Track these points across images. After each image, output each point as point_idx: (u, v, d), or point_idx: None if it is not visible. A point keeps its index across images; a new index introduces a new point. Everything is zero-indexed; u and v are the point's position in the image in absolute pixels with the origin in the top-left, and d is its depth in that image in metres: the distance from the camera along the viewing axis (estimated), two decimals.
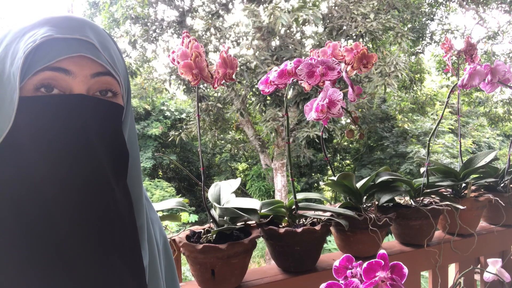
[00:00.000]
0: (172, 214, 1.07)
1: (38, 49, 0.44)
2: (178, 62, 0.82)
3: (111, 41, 0.53)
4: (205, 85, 7.01)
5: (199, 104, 6.86)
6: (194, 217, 7.65)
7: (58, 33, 0.46)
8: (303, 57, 0.93)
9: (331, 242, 5.84)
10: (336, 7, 6.51)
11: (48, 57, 0.44)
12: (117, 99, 0.51)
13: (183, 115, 11.17)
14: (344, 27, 6.31)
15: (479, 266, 1.31)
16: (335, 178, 1.07)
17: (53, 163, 0.43)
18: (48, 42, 0.45)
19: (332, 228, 1.08)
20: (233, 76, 0.88)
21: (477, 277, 1.31)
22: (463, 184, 1.27)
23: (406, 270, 0.64)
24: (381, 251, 0.65)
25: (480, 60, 1.32)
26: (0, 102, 0.44)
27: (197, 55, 0.81)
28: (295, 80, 0.91)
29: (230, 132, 10.11)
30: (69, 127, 0.44)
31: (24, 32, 0.46)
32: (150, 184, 9.58)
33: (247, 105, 7.31)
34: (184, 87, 7.34)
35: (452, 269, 1.31)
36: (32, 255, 0.42)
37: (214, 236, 0.93)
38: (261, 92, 0.94)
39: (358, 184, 1.11)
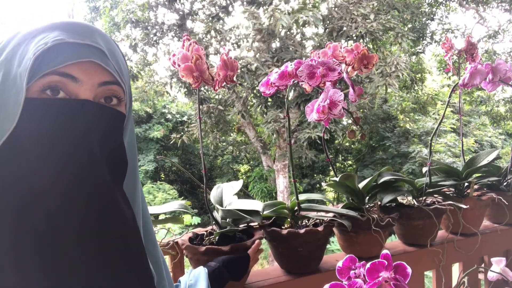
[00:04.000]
0: (174, 217, 1.07)
1: (48, 52, 0.44)
2: (179, 65, 0.82)
3: (117, 48, 0.53)
4: (206, 87, 7.02)
5: (200, 107, 6.87)
6: (196, 219, 7.66)
7: (69, 37, 0.46)
8: (304, 59, 0.93)
9: (334, 243, 5.83)
10: (336, 8, 6.51)
11: (57, 61, 0.44)
12: (120, 107, 0.52)
13: (185, 118, 11.17)
14: (344, 28, 6.31)
15: (483, 265, 1.31)
16: (337, 179, 1.07)
17: (54, 166, 0.43)
18: (58, 46, 0.45)
19: (335, 229, 1.08)
20: (234, 78, 0.88)
21: (481, 276, 1.31)
22: (466, 183, 1.27)
23: (409, 270, 0.64)
24: (384, 251, 0.65)
25: (481, 59, 1.32)
26: (4, 102, 0.44)
27: (197, 58, 0.81)
28: (296, 81, 0.91)
29: (231, 134, 10.12)
30: (72, 131, 0.44)
31: (34, 35, 0.46)
32: (152, 187, 9.58)
33: (248, 107, 7.32)
34: (185, 89, 7.35)
35: (456, 269, 1.31)
36: (34, 258, 0.42)
37: (216, 238, 0.93)
38: (262, 94, 0.94)
39: (361, 185, 1.10)
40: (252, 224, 0.99)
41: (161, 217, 1.03)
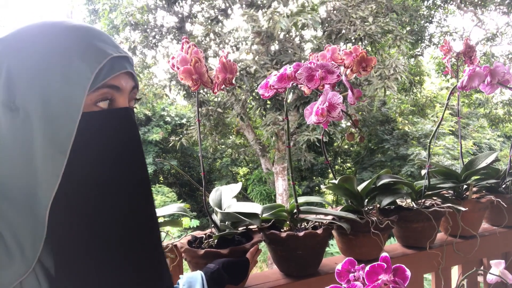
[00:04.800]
0: (173, 220, 1.07)
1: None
2: (178, 68, 0.82)
3: None
4: (205, 90, 7.01)
5: (200, 109, 6.87)
6: (195, 222, 7.64)
7: (113, 51, 0.49)
8: (303, 61, 0.93)
9: (333, 246, 5.83)
10: (335, 11, 6.53)
11: (105, 74, 0.48)
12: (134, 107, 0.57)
13: (184, 120, 11.17)
14: (343, 31, 6.33)
15: (482, 267, 1.31)
16: (336, 182, 1.07)
17: (116, 171, 0.48)
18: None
19: (334, 232, 1.08)
20: (233, 81, 0.88)
21: (480, 279, 1.31)
22: (465, 186, 1.27)
23: (408, 272, 0.64)
24: (384, 254, 0.65)
25: (479, 61, 1.32)
26: (58, 117, 0.45)
27: (196, 61, 0.81)
28: (294, 84, 0.91)
29: (230, 137, 10.11)
30: (128, 139, 0.50)
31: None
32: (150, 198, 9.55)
33: (247, 110, 7.32)
34: (184, 92, 7.35)
35: (455, 271, 1.31)
36: (102, 251, 0.47)
37: (215, 241, 0.92)
38: (261, 97, 0.94)
39: (360, 187, 1.10)
40: (251, 227, 0.99)
41: (159, 220, 1.02)
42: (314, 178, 10.57)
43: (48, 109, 0.44)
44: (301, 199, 1.06)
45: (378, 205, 1.09)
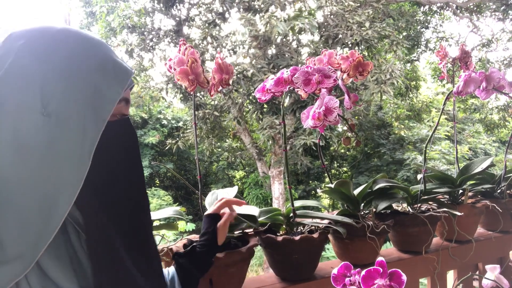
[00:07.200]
0: (169, 223, 1.07)
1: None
2: (175, 69, 0.82)
3: None
4: (202, 93, 7.03)
5: (196, 112, 6.86)
6: (191, 226, 7.62)
7: (130, 67, 0.55)
8: (300, 65, 0.93)
9: (330, 250, 5.82)
10: (332, 16, 6.57)
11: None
12: None
13: (180, 124, 11.15)
14: (340, 36, 6.36)
15: (477, 272, 1.31)
16: (332, 186, 1.07)
17: (124, 173, 0.54)
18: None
19: (330, 236, 1.08)
20: (229, 81, 0.88)
21: (475, 283, 1.31)
22: (460, 191, 1.28)
23: (404, 277, 0.64)
24: (379, 259, 0.65)
25: (474, 67, 1.33)
26: (89, 126, 0.48)
27: (193, 61, 0.82)
28: (291, 88, 0.91)
29: (227, 140, 10.11)
30: (133, 142, 0.56)
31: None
32: (146, 192, 9.53)
33: (244, 113, 7.33)
34: (181, 95, 7.34)
35: (450, 276, 1.31)
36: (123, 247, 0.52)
37: None
38: (258, 100, 0.94)
39: (356, 191, 1.10)
40: (247, 230, 0.99)
41: (155, 223, 1.02)
42: (311, 182, 10.58)
43: (81, 118, 0.47)
44: (298, 203, 1.06)
45: (374, 210, 1.09)
